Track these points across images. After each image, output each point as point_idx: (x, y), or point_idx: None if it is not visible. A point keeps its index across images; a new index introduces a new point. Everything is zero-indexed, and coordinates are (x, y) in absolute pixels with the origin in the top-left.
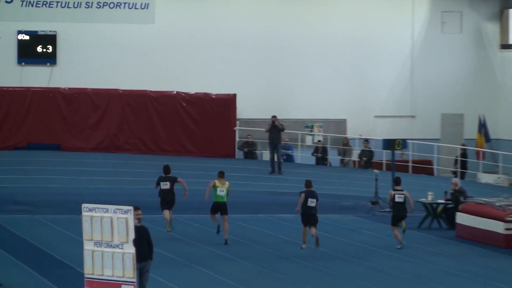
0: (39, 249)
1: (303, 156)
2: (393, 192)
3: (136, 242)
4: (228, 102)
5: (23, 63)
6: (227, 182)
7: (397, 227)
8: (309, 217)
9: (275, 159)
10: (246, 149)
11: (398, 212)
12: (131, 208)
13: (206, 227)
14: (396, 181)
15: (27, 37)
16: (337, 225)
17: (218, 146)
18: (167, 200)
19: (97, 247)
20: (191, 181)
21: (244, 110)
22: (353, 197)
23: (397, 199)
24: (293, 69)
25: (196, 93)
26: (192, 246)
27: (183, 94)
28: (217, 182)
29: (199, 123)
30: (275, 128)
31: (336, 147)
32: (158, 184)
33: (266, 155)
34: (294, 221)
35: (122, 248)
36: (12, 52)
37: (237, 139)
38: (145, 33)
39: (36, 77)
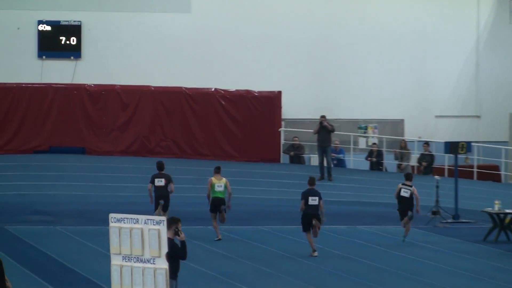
0: (61, 264)
1: (355, 161)
2: (400, 186)
3: (169, 256)
4: (272, 100)
5: (44, 57)
6: (224, 178)
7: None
8: (308, 218)
9: (325, 164)
10: (292, 153)
11: (403, 207)
12: (163, 218)
13: (247, 239)
14: (407, 177)
15: (48, 28)
16: (394, 237)
17: (261, 149)
18: (163, 196)
19: (126, 262)
20: (233, 189)
21: (290, 109)
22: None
23: (402, 193)
24: (345, 63)
25: (236, 90)
26: (231, 261)
27: (222, 92)
28: (213, 180)
29: (240, 124)
30: (324, 129)
31: (393, 150)
32: (153, 182)
33: (314, 159)
34: (347, 233)
35: (154, 263)
36: (32, 44)
37: (282, 141)
38: (180, 23)
39: (58, 72)
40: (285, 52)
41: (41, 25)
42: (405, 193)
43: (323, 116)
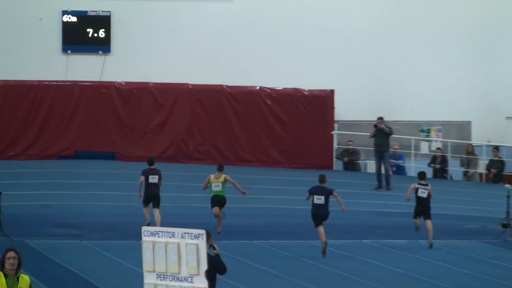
0: (87, 283)
1: (417, 167)
2: (416, 186)
3: (209, 274)
4: (324, 100)
5: (69, 51)
6: (223, 176)
7: (418, 219)
8: (316, 216)
9: (382, 171)
10: (346, 159)
11: (420, 207)
12: (203, 231)
13: (296, 255)
14: (421, 176)
15: (74, 19)
16: (458, 253)
17: (312, 155)
18: (155, 194)
19: (161, 280)
20: (280, 199)
21: (343, 110)
22: (478, 219)
23: (420, 194)
24: (405, 59)
25: (284, 88)
26: (279, 279)
27: (268, 90)
28: (212, 178)
29: (287, 126)
30: (381, 132)
31: (459, 156)
32: (146, 178)
33: (371, 166)
34: (407, 249)
35: (192, 282)
36: (56, 37)
37: (335, 146)
38: (221, 13)
39: (85, 68)
40: (338, 46)
41: (65, 15)
42: (422, 193)
43: (380, 118)
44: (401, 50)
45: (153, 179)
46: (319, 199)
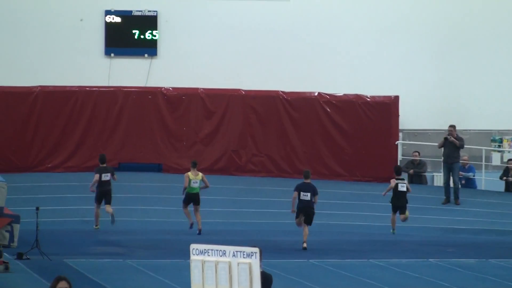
0: None
1: (488, 180)
2: (396, 181)
3: None
4: (387, 107)
5: (112, 54)
6: (200, 173)
7: (395, 214)
8: (303, 211)
9: (451, 184)
10: (411, 171)
11: (399, 201)
12: (256, 250)
13: (356, 275)
14: (397, 171)
15: (118, 20)
16: None
17: (374, 166)
18: (107, 191)
19: None
20: (340, 215)
21: (409, 117)
22: None
23: (400, 188)
24: (474, 63)
25: (344, 95)
26: None
27: (327, 96)
28: (190, 175)
29: (348, 136)
30: (451, 143)
31: None
32: (100, 176)
33: (438, 178)
34: (477, 268)
35: None
36: (98, 39)
37: (399, 157)
38: (276, 14)
39: (129, 73)
40: (403, 48)
41: (109, 16)
42: (402, 187)
43: (451, 126)
44: (470, 53)
45: (106, 177)
46: (305, 196)
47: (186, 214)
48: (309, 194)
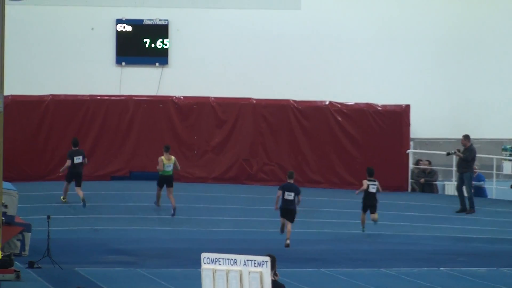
0: None
1: (499, 190)
2: (367, 183)
3: None
4: (399, 116)
5: (123, 63)
6: (172, 157)
7: (365, 214)
8: (285, 212)
9: (465, 193)
10: (422, 180)
11: (370, 201)
12: (267, 258)
13: (368, 284)
14: (370, 172)
15: (129, 28)
16: None
17: (386, 175)
18: (78, 173)
19: None
20: (351, 224)
21: (419, 126)
22: None
23: (370, 189)
24: (485, 72)
25: (355, 103)
26: None
27: (338, 105)
28: (164, 159)
29: (359, 145)
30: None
31: None
32: (71, 159)
33: (449, 187)
34: (488, 277)
35: None
36: (109, 48)
37: (410, 166)
38: (287, 22)
39: (140, 81)
40: (414, 57)
41: (120, 24)
42: (373, 188)
43: (465, 137)
44: (481, 62)
45: (78, 159)
46: (289, 195)
47: (157, 196)
48: (292, 194)
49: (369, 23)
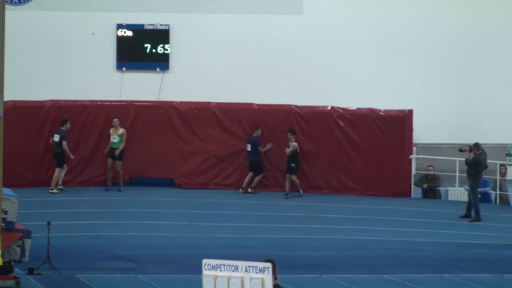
0: None
1: (503, 195)
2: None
3: None
4: (401, 121)
5: (124, 68)
6: (121, 129)
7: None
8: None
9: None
10: (425, 185)
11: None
12: (269, 265)
13: None
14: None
15: (129, 33)
16: None
17: (388, 181)
18: (55, 153)
19: None
20: (353, 229)
21: (422, 131)
22: None
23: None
24: (488, 76)
25: (357, 108)
26: None
27: (341, 111)
28: (111, 131)
29: (361, 150)
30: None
31: None
32: (52, 137)
33: (452, 193)
34: (492, 284)
35: None
36: (110, 53)
37: (413, 171)
38: (289, 27)
39: (141, 87)
40: (417, 62)
41: (120, 29)
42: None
43: (475, 145)
44: (485, 66)
45: (56, 137)
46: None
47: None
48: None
49: (371, 28)
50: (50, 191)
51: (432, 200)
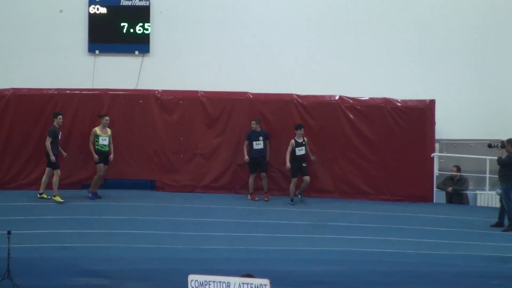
0: None
1: None
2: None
3: None
4: (421, 113)
5: (96, 51)
6: (109, 130)
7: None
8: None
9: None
10: (450, 189)
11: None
12: (266, 282)
13: None
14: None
15: (103, 11)
16: None
17: (406, 183)
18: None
19: None
20: (365, 240)
21: (446, 125)
22: None
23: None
24: None
25: (370, 98)
26: None
27: (351, 101)
28: (98, 131)
29: (375, 147)
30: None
31: None
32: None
33: (481, 197)
34: None
35: None
36: (81, 34)
37: (436, 172)
38: (289, 4)
39: (117, 73)
40: (440, 45)
41: (93, 6)
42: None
43: (508, 141)
44: None
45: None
46: (258, 144)
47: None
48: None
49: (388, 7)
50: (39, 195)
51: (458, 206)
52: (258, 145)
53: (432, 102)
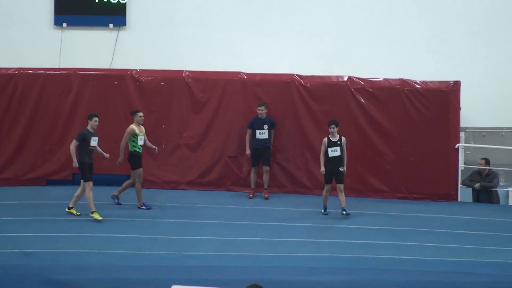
0: None
1: None
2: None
3: None
4: (444, 97)
5: (64, 24)
6: (142, 127)
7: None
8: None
9: None
10: (477, 185)
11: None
12: None
13: None
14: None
15: None
16: None
17: (426, 179)
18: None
19: None
20: (379, 245)
21: (473, 112)
22: None
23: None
24: None
25: (384, 80)
26: None
27: (361, 82)
28: (136, 129)
29: (390, 137)
30: None
31: None
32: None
33: None
34: None
35: None
36: (45, 4)
37: (461, 166)
38: None
39: (88, 49)
40: (465, 17)
41: None
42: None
43: None
44: None
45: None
46: (262, 134)
47: (124, 186)
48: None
49: None
50: (67, 210)
51: (487, 205)
52: (262, 134)
53: (456, 84)
